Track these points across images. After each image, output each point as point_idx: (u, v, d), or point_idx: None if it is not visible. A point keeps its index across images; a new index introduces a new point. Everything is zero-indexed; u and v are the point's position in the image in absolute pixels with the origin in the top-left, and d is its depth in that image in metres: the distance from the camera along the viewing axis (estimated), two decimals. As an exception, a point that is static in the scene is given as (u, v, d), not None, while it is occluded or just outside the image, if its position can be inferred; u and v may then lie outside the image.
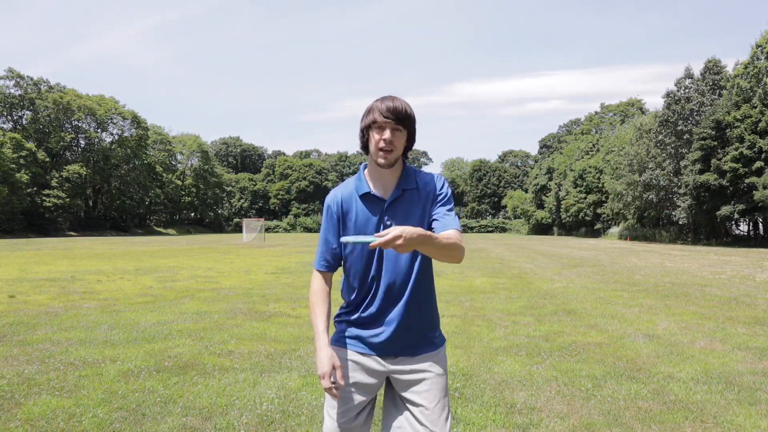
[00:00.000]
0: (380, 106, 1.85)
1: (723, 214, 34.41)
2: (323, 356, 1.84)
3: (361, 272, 1.94)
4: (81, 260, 17.98)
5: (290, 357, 4.96)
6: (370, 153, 1.90)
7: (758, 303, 8.46)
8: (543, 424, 3.36)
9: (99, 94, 70.11)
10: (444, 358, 2.00)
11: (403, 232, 1.58)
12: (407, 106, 1.88)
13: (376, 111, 1.85)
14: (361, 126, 1.90)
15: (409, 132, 1.90)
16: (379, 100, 1.89)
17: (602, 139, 68.31)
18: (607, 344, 5.54)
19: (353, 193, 1.94)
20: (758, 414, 3.52)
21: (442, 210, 1.90)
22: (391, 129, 1.84)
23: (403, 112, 1.85)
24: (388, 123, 1.83)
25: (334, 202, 1.95)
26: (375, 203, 1.91)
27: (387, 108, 1.84)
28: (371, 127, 1.86)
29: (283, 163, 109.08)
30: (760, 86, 33.64)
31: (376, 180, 1.93)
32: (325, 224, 1.98)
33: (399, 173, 1.93)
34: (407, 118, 1.86)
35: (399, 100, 1.88)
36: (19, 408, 3.59)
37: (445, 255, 1.76)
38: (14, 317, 6.95)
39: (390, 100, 1.87)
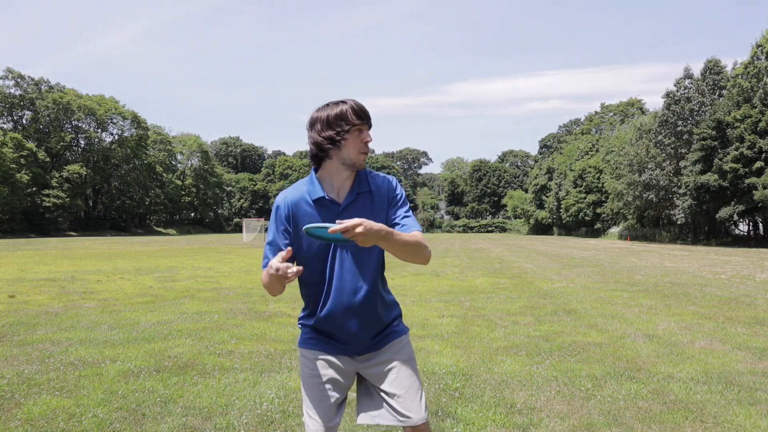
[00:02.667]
0: (351, 108, 1.87)
1: (723, 216, 34.40)
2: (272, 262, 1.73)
3: (315, 274, 1.92)
4: (81, 260, 17.98)
5: (290, 357, 4.96)
6: (341, 158, 1.88)
7: (758, 303, 8.46)
8: (543, 424, 3.36)
9: (99, 94, 70.13)
10: (408, 344, 2.05)
11: (363, 221, 1.59)
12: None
13: (350, 114, 1.86)
14: (329, 134, 1.85)
15: None
16: (342, 103, 1.88)
17: (602, 139, 68.29)
18: (607, 344, 5.54)
19: (304, 196, 1.92)
20: (758, 414, 3.52)
21: (401, 212, 1.92)
22: (368, 129, 1.90)
23: (369, 112, 1.91)
24: (365, 124, 1.88)
25: (284, 205, 1.92)
26: (329, 207, 1.89)
27: (360, 109, 1.87)
28: (348, 132, 1.86)
29: (283, 163, 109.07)
30: (761, 86, 33.63)
31: (331, 184, 1.91)
32: (273, 226, 1.93)
33: (353, 176, 1.93)
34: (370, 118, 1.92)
35: (354, 100, 1.90)
36: (19, 408, 3.59)
37: (409, 253, 1.79)
38: (14, 317, 6.95)
39: (351, 101, 1.88)
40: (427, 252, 1.85)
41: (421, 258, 1.84)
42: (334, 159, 1.89)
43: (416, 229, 1.88)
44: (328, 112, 1.88)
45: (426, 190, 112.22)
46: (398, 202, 1.94)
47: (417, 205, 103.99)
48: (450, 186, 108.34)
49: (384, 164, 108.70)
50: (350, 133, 1.86)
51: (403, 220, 1.90)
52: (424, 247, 1.84)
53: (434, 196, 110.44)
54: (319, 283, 1.93)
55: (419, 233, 1.87)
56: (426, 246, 1.85)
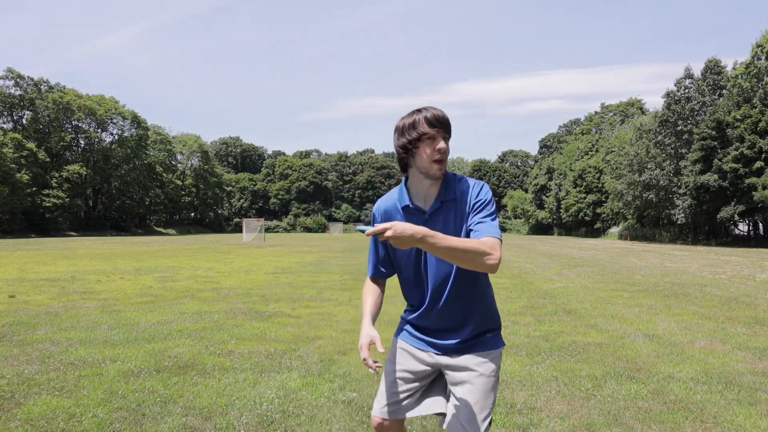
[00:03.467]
0: (425, 117, 1.83)
1: (723, 216, 34.40)
2: (362, 333, 1.96)
3: (409, 279, 2.02)
4: (81, 260, 17.98)
5: (290, 357, 4.96)
6: (416, 167, 1.88)
7: (758, 303, 8.46)
8: (543, 424, 3.36)
9: (99, 94, 70.16)
10: (495, 360, 2.00)
11: (393, 225, 1.61)
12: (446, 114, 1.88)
13: (423, 123, 1.82)
14: (402, 142, 1.87)
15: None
16: (417, 112, 1.86)
17: (602, 139, 68.30)
18: (607, 344, 5.54)
19: (396, 204, 1.97)
20: (758, 414, 3.51)
21: (477, 218, 1.86)
22: (442, 138, 1.84)
23: (447, 120, 1.85)
24: (439, 133, 1.83)
25: (378, 213, 2.01)
26: (415, 215, 1.91)
27: (435, 117, 1.83)
28: (420, 140, 1.83)
29: (283, 163, 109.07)
30: (761, 86, 33.63)
31: (418, 192, 1.93)
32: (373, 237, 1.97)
33: (440, 184, 1.92)
34: (449, 127, 1.87)
35: (437, 109, 1.86)
36: (19, 408, 3.59)
37: (456, 258, 1.71)
38: (14, 317, 6.94)
39: (430, 110, 1.85)
40: (484, 259, 1.71)
41: (473, 264, 1.72)
42: (413, 167, 1.90)
43: (488, 235, 1.78)
44: (405, 120, 1.88)
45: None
46: (478, 208, 1.87)
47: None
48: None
49: (384, 164, 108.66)
50: (422, 142, 1.83)
51: (476, 225, 1.84)
52: (480, 254, 1.70)
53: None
54: (414, 285, 2.01)
55: (488, 239, 1.76)
56: (485, 252, 1.71)
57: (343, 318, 7.02)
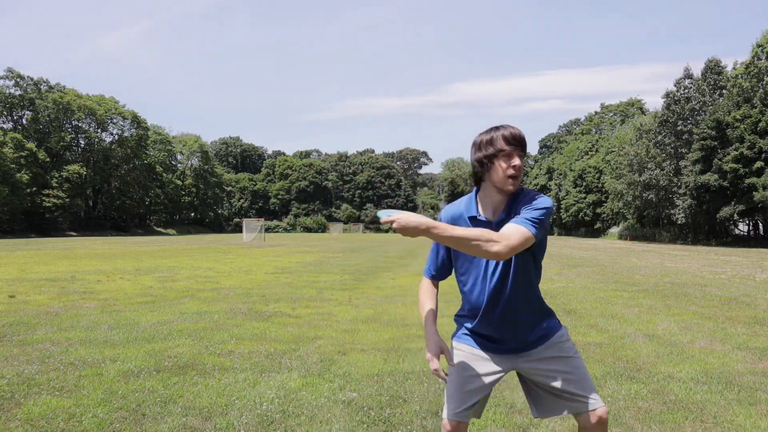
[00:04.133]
0: (502, 134, 1.91)
1: (723, 216, 34.40)
2: (431, 342, 1.99)
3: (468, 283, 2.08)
4: (81, 260, 17.98)
5: (290, 357, 4.96)
6: (491, 181, 1.95)
7: (758, 303, 8.46)
8: (543, 424, 3.36)
9: (99, 94, 70.15)
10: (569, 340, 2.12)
11: (400, 216, 1.72)
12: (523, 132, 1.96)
13: (500, 140, 1.90)
14: (479, 157, 1.95)
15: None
16: (495, 130, 1.94)
17: (602, 139, 68.30)
18: (607, 344, 5.54)
19: (463, 213, 2.04)
20: (758, 414, 3.51)
21: (520, 214, 1.90)
22: (517, 155, 1.91)
23: (524, 139, 1.93)
24: (515, 150, 1.91)
25: (445, 219, 2.08)
26: (484, 225, 1.97)
27: (512, 135, 1.90)
28: (496, 156, 1.91)
29: (283, 163, 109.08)
30: (761, 86, 33.63)
31: (487, 205, 2.01)
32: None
33: (509, 197, 1.99)
34: (526, 144, 1.95)
35: (514, 127, 1.93)
36: (19, 408, 3.59)
37: (464, 245, 1.76)
38: (14, 317, 6.94)
39: (508, 128, 1.92)
40: (487, 246, 1.74)
41: (477, 251, 1.76)
42: (487, 181, 1.98)
43: (515, 224, 1.84)
44: (483, 136, 1.96)
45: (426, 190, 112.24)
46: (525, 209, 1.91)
47: (417, 205, 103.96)
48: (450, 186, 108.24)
49: (384, 164, 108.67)
50: (498, 158, 1.91)
51: (514, 219, 1.89)
52: (484, 240, 1.74)
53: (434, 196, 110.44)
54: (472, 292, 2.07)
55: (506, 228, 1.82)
56: (490, 239, 1.75)
57: (343, 318, 7.02)
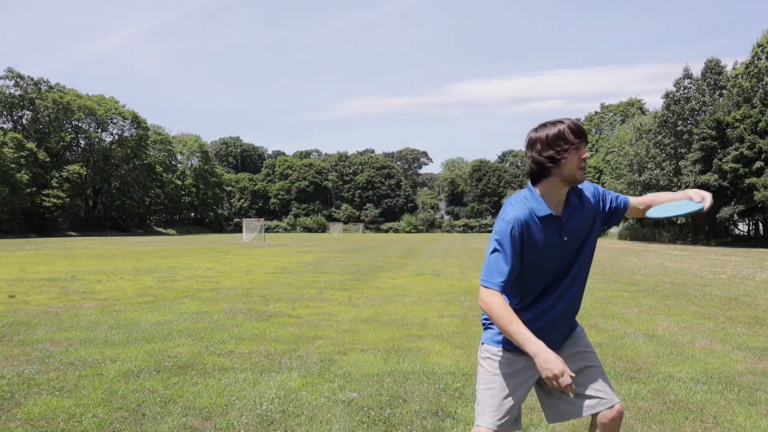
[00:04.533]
0: (569, 128, 1.96)
1: (723, 216, 34.39)
2: (550, 356, 1.88)
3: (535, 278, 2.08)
4: (81, 260, 17.98)
5: (290, 357, 4.96)
6: (561, 175, 1.97)
7: (758, 303, 8.46)
8: (543, 424, 3.36)
9: (99, 94, 70.10)
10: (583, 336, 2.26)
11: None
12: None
13: (569, 134, 1.95)
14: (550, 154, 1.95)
15: None
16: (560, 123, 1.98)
17: (602, 139, 68.29)
18: (607, 344, 5.54)
19: (532, 215, 1.99)
20: (758, 414, 3.51)
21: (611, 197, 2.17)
22: (585, 146, 1.99)
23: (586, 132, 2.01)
24: (583, 142, 1.97)
25: (518, 225, 1.97)
26: (554, 222, 2.00)
27: (579, 128, 1.97)
28: (567, 151, 1.94)
29: (283, 163, 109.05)
30: (761, 86, 33.62)
31: (553, 200, 2.02)
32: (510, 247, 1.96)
33: (567, 192, 2.05)
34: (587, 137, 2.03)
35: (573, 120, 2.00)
36: (19, 408, 3.59)
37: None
38: (14, 317, 6.95)
39: (569, 121, 1.98)
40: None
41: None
42: (555, 176, 1.98)
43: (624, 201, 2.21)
44: (546, 132, 1.97)
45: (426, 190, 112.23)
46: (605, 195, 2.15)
47: (417, 205, 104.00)
48: (450, 186, 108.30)
49: (384, 164, 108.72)
50: (569, 152, 1.95)
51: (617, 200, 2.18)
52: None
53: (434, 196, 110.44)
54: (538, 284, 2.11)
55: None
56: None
57: (343, 318, 7.02)
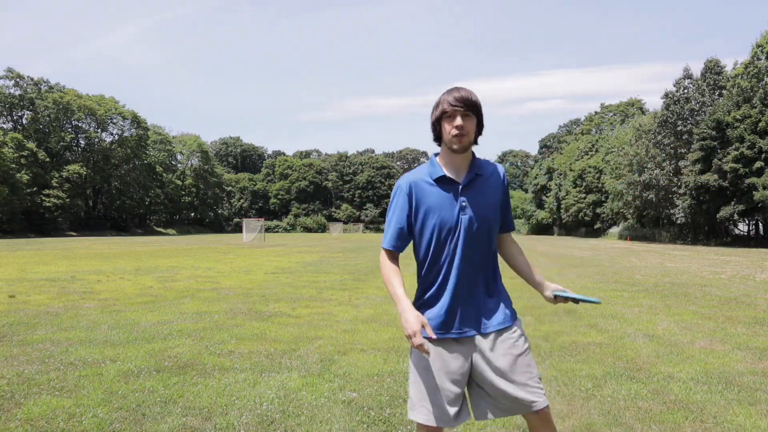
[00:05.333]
0: (448, 97, 2.01)
1: (723, 216, 34.38)
2: (410, 316, 1.91)
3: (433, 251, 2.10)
4: (81, 260, 17.98)
5: (290, 357, 4.96)
6: (443, 142, 2.06)
7: (758, 303, 8.46)
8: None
9: (99, 94, 70.15)
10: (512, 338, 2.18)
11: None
12: (472, 93, 2.03)
13: (445, 102, 2.01)
14: (432, 119, 2.07)
15: (478, 119, 2.05)
16: (446, 92, 2.03)
17: (602, 139, 68.26)
18: (607, 344, 5.54)
19: (424, 177, 2.08)
20: (758, 414, 3.51)
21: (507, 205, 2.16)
22: (461, 116, 2.00)
23: (470, 99, 2.00)
24: (458, 110, 1.99)
25: (406, 186, 2.08)
26: (450, 185, 2.05)
27: (454, 97, 1.99)
28: (442, 118, 2.02)
29: (283, 163, 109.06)
30: (761, 86, 33.60)
31: (448, 165, 2.08)
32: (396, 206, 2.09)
33: (470, 159, 2.09)
34: (474, 105, 2.01)
35: (464, 89, 2.03)
36: (19, 408, 3.59)
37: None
38: (14, 317, 6.94)
39: (456, 90, 2.02)
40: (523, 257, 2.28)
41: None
42: (443, 142, 2.08)
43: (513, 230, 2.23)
44: (438, 98, 2.07)
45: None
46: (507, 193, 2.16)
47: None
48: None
49: (384, 164, 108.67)
50: (444, 119, 2.02)
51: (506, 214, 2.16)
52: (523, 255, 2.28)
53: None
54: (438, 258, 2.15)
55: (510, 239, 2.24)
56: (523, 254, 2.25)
57: (343, 318, 7.02)
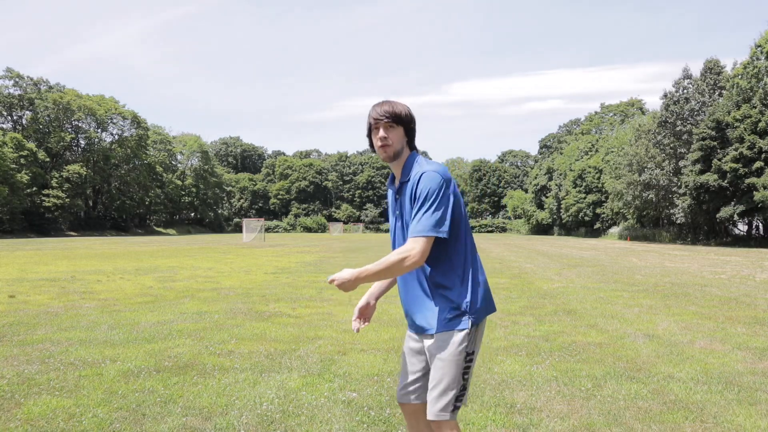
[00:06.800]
0: (373, 111, 2.10)
1: (723, 216, 34.38)
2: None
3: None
4: (81, 260, 17.98)
5: (290, 357, 4.96)
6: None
7: (758, 303, 8.46)
8: (543, 424, 3.36)
9: (99, 94, 70.16)
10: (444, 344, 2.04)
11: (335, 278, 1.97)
12: (398, 105, 2.10)
13: (370, 116, 2.11)
14: (366, 133, 2.17)
15: (405, 128, 2.10)
16: (373, 106, 2.13)
17: (602, 139, 68.26)
18: (607, 344, 5.54)
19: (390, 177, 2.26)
20: (758, 414, 3.51)
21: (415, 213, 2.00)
22: (384, 127, 2.08)
23: (392, 111, 2.08)
24: (380, 122, 2.08)
25: (388, 184, 2.28)
26: (392, 189, 2.22)
27: (377, 111, 2.09)
28: (371, 132, 2.12)
29: (283, 163, 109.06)
30: (760, 86, 33.60)
31: (394, 169, 2.18)
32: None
33: (402, 166, 2.13)
34: (397, 115, 2.08)
35: (390, 102, 2.11)
36: (19, 408, 3.59)
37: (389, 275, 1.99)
38: (14, 317, 6.94)
39: (380, 105, 2.11)
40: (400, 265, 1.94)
41: (398, 272, 1.98)
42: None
43: (413, 234, 1.96)
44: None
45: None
46: (418, 200, 2.00)
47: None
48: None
49: (384, 164, 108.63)
50: (372, 132, 2.12)
51: (411, 222, 2.01)
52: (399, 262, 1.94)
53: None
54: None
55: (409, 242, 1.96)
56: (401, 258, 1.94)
57: (343, 318, 7.02)
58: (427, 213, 1.96)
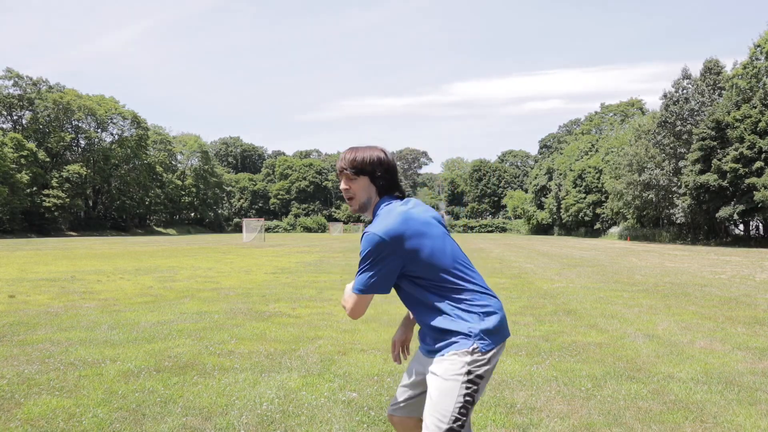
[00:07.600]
0: (339, 158, 1.98)
1: (723, 216, 34.39)
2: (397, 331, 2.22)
3: None
4: (81, 260, 17.98)
5: (290, 357, 4.96)
6: None
7: (758, 303, 8.46)
8: (543, 424, 3.36)
9: (99, 94, 70.21)
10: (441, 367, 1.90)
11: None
12: (363, 152, 1.94)
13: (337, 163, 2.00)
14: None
15: (370, 177, 1.94)
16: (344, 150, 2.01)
17: (602, 139, 68.26)
18: (607, 344, 5.54)
19: None
20: (758, 414, 3.52)
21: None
22: (345, 178, 1.96)
23: (354, 161, 1.93)
24: (343, 173, 1.96)
25: None
26: None
27: (340, 160, 1.97)
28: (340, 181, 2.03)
29: (283, 163, 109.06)
30: (760, 86, 33.60)
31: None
32: None
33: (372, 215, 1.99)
34: (358, 166, 1.92)
35: (355, 149, 1.96)
36: (19, 408, 3.59)
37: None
38: (14, 317, 6.95)
39: (346, 152, 1.97)
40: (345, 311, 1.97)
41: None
42: None
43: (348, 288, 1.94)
44: None
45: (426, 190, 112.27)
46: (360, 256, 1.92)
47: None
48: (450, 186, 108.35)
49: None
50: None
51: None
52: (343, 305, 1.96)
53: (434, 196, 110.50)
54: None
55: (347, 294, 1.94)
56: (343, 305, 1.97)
57: (343, 318, 7.02)
58: (360, 272, 1.88)
